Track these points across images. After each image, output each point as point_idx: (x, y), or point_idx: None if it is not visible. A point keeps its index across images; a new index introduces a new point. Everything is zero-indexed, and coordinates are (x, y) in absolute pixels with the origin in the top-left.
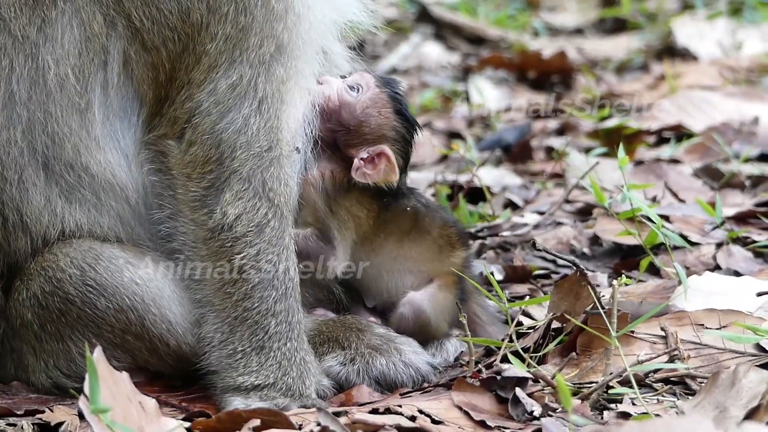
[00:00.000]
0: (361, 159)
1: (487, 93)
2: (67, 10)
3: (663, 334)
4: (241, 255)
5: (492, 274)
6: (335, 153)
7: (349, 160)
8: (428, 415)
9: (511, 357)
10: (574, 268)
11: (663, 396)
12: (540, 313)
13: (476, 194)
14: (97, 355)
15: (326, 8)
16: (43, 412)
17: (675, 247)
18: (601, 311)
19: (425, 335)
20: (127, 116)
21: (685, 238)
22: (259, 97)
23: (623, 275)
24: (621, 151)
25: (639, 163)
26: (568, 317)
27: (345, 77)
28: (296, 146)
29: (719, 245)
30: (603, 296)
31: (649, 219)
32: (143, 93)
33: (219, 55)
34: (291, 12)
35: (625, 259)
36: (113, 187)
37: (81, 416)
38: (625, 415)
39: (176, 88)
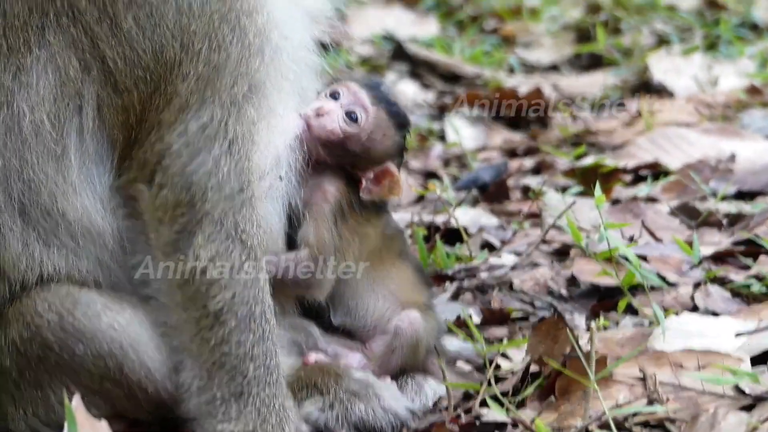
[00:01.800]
0: (368, 179)
1: (463, 131)
2: (42, 56)
3: (642, 376)
4: (217, 299)
5: (470, 316)
6: (342, 171)
7: (357, 178)
8: None
9: (489, 401)
10: (552, 310)
11: None
12: (518, 355)
13: (453, 235)
14: (76, 403)
15: (304, 35)
16: None
17: (653, 288)
18: (580, 354)
19: (413, 356)
20: (103, 161)
21: (662, 278)
22: (230, 138)
23: (601, 317)
24: (598, 190)
25: (616, 201)
26: (547, 360)
27: (335, 95)
28: (279, 175)
29: (697, 285)
30: (581, 339)
31: (627, 259)
32: (114, 137)
33: (190, 96)
34: (268, 46)
35: (603, 300)
36: (90, 232)
37: None
38: None
39: (146, 130)
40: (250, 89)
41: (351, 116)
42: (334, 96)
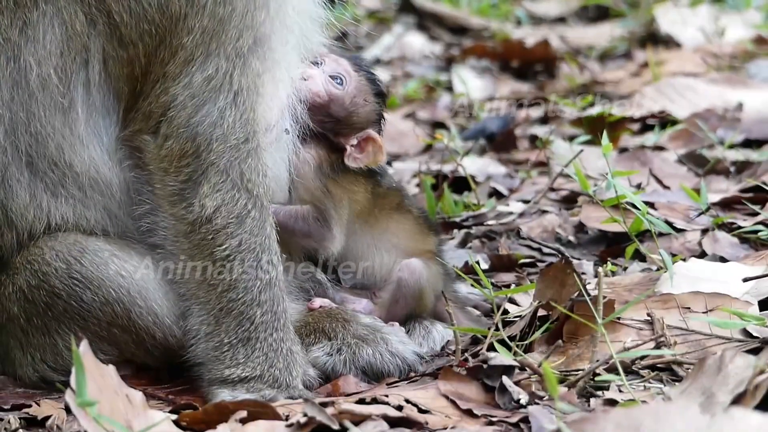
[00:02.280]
0: (352, 146)
1: (471, 82)
2: (49, 11)
3: (649, 319)
4: (223, 247)
5: (477, 263)
6: (326, 140)
7: (340, 146)
8: (415, 405)
9: (497, 345)
10: (560, 256)
11: (650, 383)
12: (526, 300)
13: (461, 184)
14: (83, 348)
15: None
16: (30, 406)
17: (660, 234)
18: (587, 298)
19: (418, 305)
20: (109, 113)
21: (670, 224)
22: (234, 89)
23: (609, 262)
24: (605, 138)
25: (623, 150)
26: (554, 305)
27: (318, 63)
28: (285, 128)
29: (705, 231)
30: (588, 283)
31: (634, 206)
32: (120, 90)
33: (195, 49)
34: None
35: (611, 247)
36: (98, 183)
37: (68, 410)
38: (612, 402)
39: (151, 82)
40: (256, 42)
41: (335, 79)
42: (316, 63)
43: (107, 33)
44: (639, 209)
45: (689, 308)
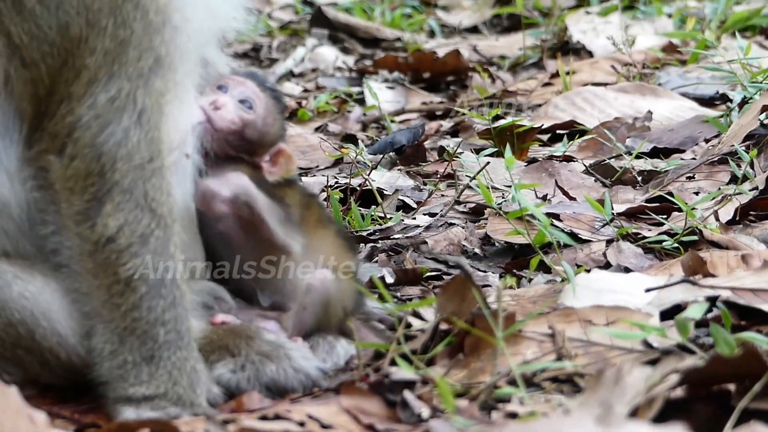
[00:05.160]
0: (266, 161)
1: (382, 94)
2: None
3: (551, 332)
4: (127, 266)
5: (383, 277)
6: (242, 161)
7: (256, 164)
8: (317, 420)
9: (398, 360)
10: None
11: (551, 395)
12: (432, 315)
13: (370, 197)
14: None
15: (205, 19)
16: None
17: (567, 245)
18: (486, 311)
19: (325, 313)
20: (9, 133)
21: (574, 236)
22: (139, 109)
23: (508, 275)
24: (508, 151)
25: (533, 161)
26: (454, 319)
27: (223, 87)
28: (186, 152)
29: (609, 242)
30: (489, 296)
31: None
32: (23, 109)
33: (98, 69)
34: (168, 25)
35: (517, 259)
36: None
37: None
38: (514, 415)
39: (56, 102)
40: (156, 63)
41: (245, 104)
42: (222, 89)
43: (8, 53)
44: (541, 221)
45: (590, 321)
